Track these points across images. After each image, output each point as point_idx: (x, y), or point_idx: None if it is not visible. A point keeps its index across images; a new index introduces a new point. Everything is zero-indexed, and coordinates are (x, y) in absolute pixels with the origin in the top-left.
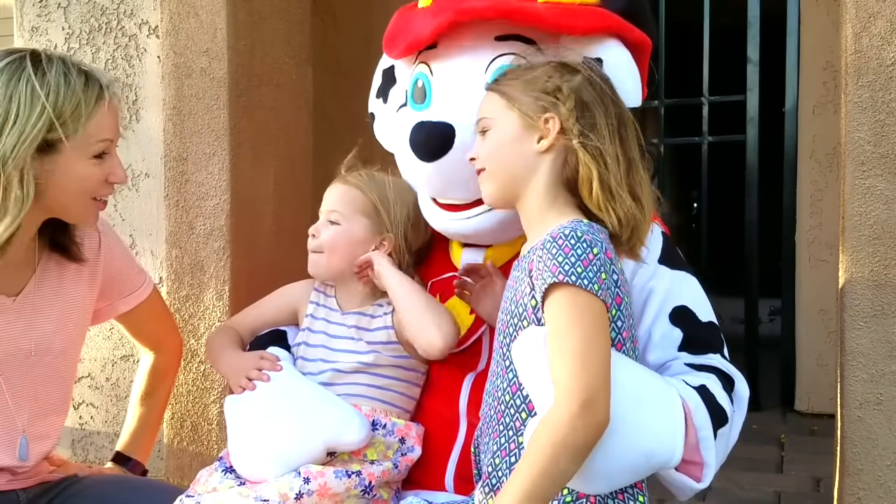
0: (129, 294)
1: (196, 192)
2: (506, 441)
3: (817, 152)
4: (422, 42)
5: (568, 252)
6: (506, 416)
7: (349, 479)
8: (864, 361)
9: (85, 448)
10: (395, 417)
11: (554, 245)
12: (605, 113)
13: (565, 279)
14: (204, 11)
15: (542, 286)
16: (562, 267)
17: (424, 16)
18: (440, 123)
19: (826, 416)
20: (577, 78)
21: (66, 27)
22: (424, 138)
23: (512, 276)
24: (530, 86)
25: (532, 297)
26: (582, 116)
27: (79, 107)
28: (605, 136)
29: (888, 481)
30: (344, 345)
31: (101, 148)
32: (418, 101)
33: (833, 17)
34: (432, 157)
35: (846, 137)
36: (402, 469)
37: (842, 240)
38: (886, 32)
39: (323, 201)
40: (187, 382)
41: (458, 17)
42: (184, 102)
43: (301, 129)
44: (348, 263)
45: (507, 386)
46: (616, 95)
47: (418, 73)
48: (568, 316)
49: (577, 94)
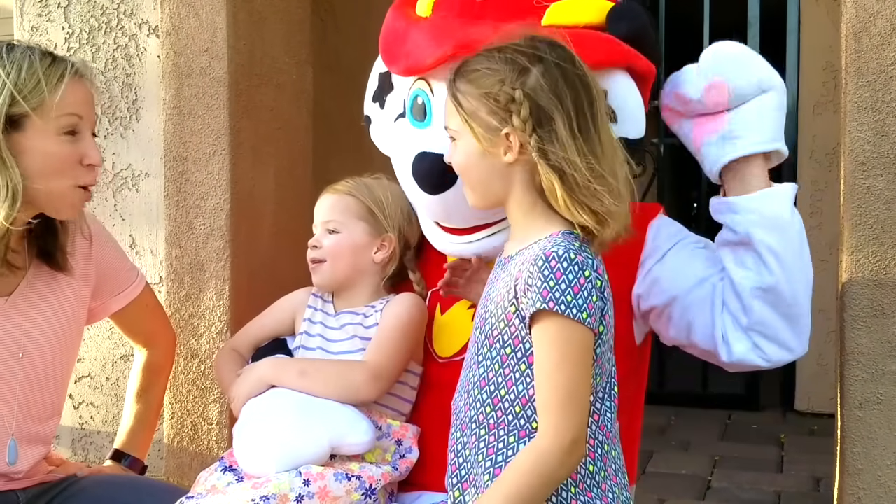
0: (122, 292)
1: (196, 192)
2: (473, 435)
3: (817, 152)
4: (422, 69)
5: (559, 277)
6: (472, 409)
7: (349, 481)
8: (863, 361)
9: (85, 448)
10: (389, 419)
11: (546, 266)
12: (562, 108)
13: (556, 307)
14: (204, 11)
15: (531, 307)
16: (552, 293)
17: (424, 35)
18: (441, 156)
19: (826, 415)
20: (532, 75)
21: (66, 27)
22: (427, 171)
23: (495, 273)
24: (484, 96)
25: (513, 303)
26: (539, 125)
27: (41, 81)
28: (564, 135)
29: (888, 481)
30: (341, 347)
31: (69, 122)
32: (418, 119)
33: (833, 17)
34: (435, 191)
35: (846, 137)
36: (402, 471)
37: (842, 240)
38: (886, 32)
39: (315, 214)
40: (187, 382)
41: (458, 52)
42: (184, 102)
43: (301, 129)
44: (352, 269)
45: (477, 380)
46: (576, 69)
47: (417, 90)
48: (559, 351)
49: (531, 100)
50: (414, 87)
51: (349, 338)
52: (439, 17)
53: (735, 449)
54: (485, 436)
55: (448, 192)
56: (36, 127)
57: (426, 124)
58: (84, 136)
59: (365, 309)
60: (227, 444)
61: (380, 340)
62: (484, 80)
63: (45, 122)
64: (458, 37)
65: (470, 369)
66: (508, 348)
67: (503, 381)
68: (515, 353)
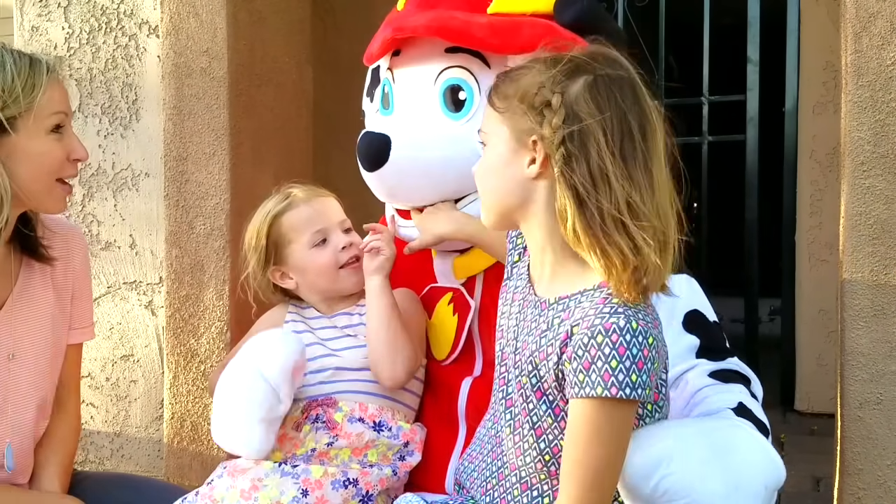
0: (79, 328)
1: (196, 192)
2: (520, 483)
3: (817, 152)
4: (373, 57)
5: (623, 353)
6: (527, 455)
7: (346, 489)
8: (863, 361)
9: (85, 448)
10: (401, 420)
11: (607, 342)
12: (606, 124)
13: (619, 393)
14: (204, 11)
15: (590, 390)
16: (615, 376)
17: (385, 26)
18: (379, 135)
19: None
20: (579, 83)
21: (66, 27)
22: (364, 149)
23: (525, 313)
24: (523, 95)
25: (557, 366)
26: (570, 139)
27: (27, 81)
28: (601, 155)
29: (888, 481)
30: (344, 343)
31: (56, 121)
32: (385, 107)
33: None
34: (371, 168)
35: (846, 137)
36: (401, 476)
37: (842, 240)
38: (886, 32)
39: (322, 217)
40: (187, 382)
41: (395, 35)
42: (184, 102)
43: (301, 129)
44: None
45: (531, 429)
46: (636, 93)
47: (385, 80)
48: (598, 430)
49: (569, 108)
50: (383, 77)
51: (346, 336)
52: (405, 10)
53: None
54: (537, 484)
55: (382, 169)
56: (26, 128)
57: (389, 112)
58: (68, 131)
59: (358, 308)
60: None
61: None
62: (525, 80)
63: (34, 122)
64: (396, 24)
65: (512, 412)
66: (557, 407)
67: (560, 433)
68: (565, 410)
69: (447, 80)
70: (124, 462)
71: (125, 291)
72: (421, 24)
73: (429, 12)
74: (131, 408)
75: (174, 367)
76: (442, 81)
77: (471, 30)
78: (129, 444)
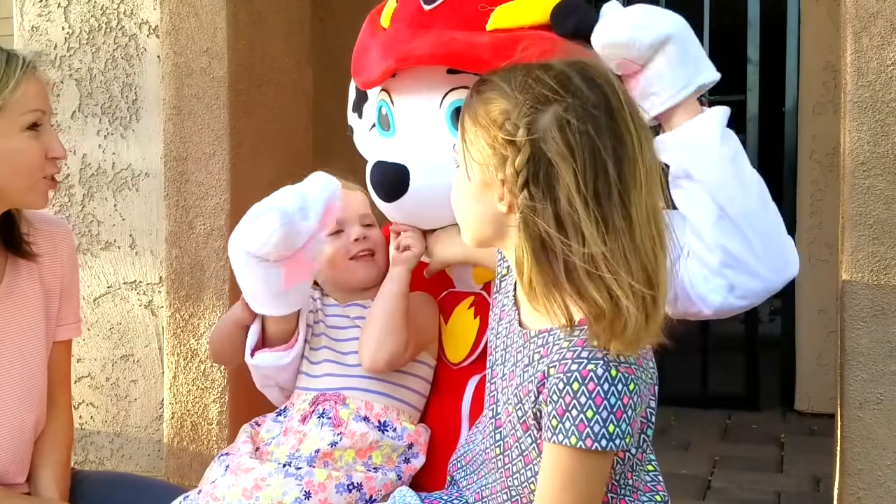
0: (66, 324)
1: (196, 192)
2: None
3: (817, 152)
4: (372, 83)
5: (600, 403)
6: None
7: (350, 493)
8: (863, 361)
9: (85, 448)
10: (406, 421)
11: (583, 391)
12: (576, 164)
13: (594, 445)
14: (204, 11)
15: (563, 438)
16: (591, 427)
17: (377, 48)
18: (395, 165)
19: (826, 415)
20: (548, 114)
21: (66, 27)
22: (380, 180)
23: (515, 344)
24: (489, 126)
25: (535, 407)
26: (534, 180)
27: (2, 79)
28: (569, 199)
29: (888, 481)
30: (351, 333)
31: (33, 118)
32: (384, 128)
33: (833, 17)
34: (389, 199)
35: (846, 137)
36: (405, 479)
37: (841, 240)
38: (886, 32)
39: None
40: (187, 382)
41: (399, 66)
42: (184, 102)
43: (301, 129)
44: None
45: (520, 455)
46: (612, 119)
47: (381, 101)
48: (571, 478)
49: (534, 147)
50: (378, 98)
51: (355, 328)
52: (393, 29)
53: (735, 449)
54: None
55: (403, 199)
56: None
57: (391, 134)
58: (46, 129)
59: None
60: (226, 444)
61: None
62: (493, 105)
63: (8, 120)
64: (399, 51)
65: (501, 433)
66: (541, 442)
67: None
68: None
69: (453, 103)
70: (124, 462)
71: (125, 291)
72: (426, 53)
73: (427, 35)
74: (131, 408)
75: (174, 367)
76: (448, 104)
77: (476, 52)
78: (129, 444)
